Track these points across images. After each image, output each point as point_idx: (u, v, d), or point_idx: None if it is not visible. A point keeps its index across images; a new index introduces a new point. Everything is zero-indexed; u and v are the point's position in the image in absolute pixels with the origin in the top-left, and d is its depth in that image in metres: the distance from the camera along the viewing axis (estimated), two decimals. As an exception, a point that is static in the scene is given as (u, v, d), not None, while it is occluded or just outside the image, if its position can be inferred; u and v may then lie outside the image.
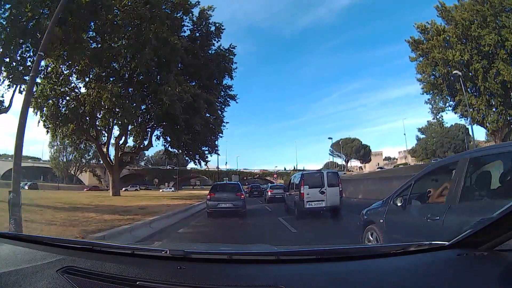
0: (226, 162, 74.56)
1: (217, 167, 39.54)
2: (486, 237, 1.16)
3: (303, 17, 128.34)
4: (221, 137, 27.95)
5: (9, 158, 77.66)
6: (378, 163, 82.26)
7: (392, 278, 1.11)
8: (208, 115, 23.19)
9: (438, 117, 31.04)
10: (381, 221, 3.78)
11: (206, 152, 26.50)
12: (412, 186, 3.47)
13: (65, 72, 21.94)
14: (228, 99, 27.05)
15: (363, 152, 69.98)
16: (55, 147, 70.05)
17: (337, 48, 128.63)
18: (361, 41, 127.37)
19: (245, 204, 11.40)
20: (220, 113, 25.43)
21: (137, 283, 1.12)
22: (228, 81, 26.41)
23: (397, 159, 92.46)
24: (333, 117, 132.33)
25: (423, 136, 77.52)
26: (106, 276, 1.19)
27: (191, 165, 79.69)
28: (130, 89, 21.16)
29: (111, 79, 21.12)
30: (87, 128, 23.86)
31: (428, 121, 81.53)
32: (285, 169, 79.75)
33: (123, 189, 32.08)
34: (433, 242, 1.32)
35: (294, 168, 74.37)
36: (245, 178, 67.51)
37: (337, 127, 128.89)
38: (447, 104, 30.74)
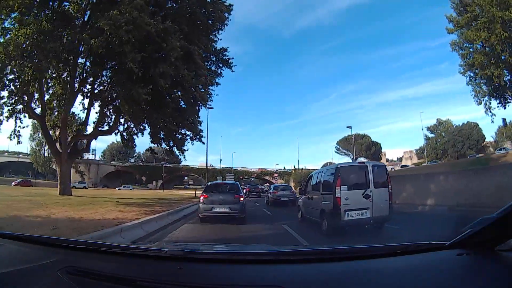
0: (221, 160, 66.75)
1: (206, 162, 31.68)
2: (486, 237, 1.12)
3: (301, 19, 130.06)
4: (209, 106, 19.60)
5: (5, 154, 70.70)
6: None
7: (392, 278, 1.09)
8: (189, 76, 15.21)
9: (485, 101, 24.28)
10: None
11: (186, 136, 18.41)
12: None
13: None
14: (220, 66, 19.19)
15: (374, 150, 62.78)
16: (36, 140, 63.27)
17: (335, 49, 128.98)
18: (359, 43, 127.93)
19: (245, 209, 9.58)
20: (206, 72, 17.08)
21: (137, 283, 1.10)
22: (223, 43, 18.67)
23: (398, 160, 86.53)
24: (331, 117, 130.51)
25: (432, 135, 71.70)
26: (106, 276, 1.18)
27: (184, 162, 72.93)
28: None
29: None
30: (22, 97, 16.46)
31: (437, 119, 77.47)
32: (284, 168, 72.57)
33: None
34: (433, 242, 1.30)
35: (295, 167, 67.25)
36: (241, 177, 60.34)
37: (335, 128, 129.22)
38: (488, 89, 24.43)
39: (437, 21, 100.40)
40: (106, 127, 20.49)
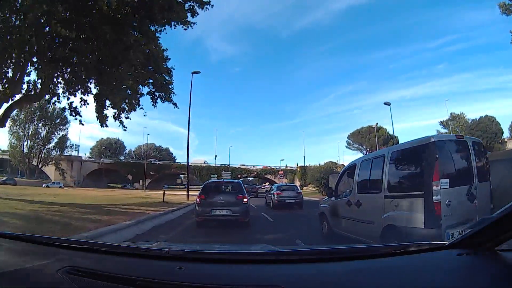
0: (216, 156, 59.81)
1: (187, 150, 24.07)
2: (486, 237, 1.12)
3: (300, 19, 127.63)
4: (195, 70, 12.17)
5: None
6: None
7: (392, 278, 1.10)
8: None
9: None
10: None
11: (137, 84, 10.45)
12: None
13: None
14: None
15: (392, 144, 55.80)
16: (16, 134, 57.08)
17: (334, 50, 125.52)
18: (358, 44, 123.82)
19: (248, 211, 8.75)
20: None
21: (137, 283, 1.10)
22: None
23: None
24: (330, 118, 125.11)
25: (445, 130, 65.44)
26: (106, 276, 1.19)
27: (178, 160, 66.58)
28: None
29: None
30: None
31: (451, 113, 71.23)
32: (286, 166, 66.23)
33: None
34: (433, 242, 1.32)
35: (298, 164, 60.84)
36: (239, 176, 54.05)
37: (334, 128, 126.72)
38: None
39: (435, 23, 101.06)
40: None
